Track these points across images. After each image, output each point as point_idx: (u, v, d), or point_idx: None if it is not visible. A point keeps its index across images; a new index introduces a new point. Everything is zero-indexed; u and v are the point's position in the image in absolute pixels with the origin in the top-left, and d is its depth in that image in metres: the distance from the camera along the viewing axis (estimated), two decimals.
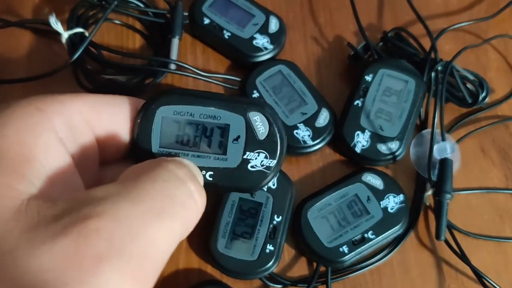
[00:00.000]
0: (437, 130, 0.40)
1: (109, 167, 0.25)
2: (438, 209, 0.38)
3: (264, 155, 0.25)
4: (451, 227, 0.39)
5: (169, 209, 0.20)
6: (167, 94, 0.24)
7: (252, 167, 0.25)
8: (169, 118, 0.24)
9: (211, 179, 0.25)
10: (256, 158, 0.24)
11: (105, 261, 0.18)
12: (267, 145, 0.24)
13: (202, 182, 0.24)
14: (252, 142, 0.24)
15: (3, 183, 0.19)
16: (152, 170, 0.21)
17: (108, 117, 0.24)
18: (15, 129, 0.20)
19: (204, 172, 0.25)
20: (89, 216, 0.18)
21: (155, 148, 0.24)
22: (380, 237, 0.37)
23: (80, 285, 0.17)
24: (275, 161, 0.25)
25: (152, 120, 0.24)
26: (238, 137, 0.24)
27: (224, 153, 0.24)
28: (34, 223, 0.18)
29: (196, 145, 0.24)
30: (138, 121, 0.24)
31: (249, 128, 0.24)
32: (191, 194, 0.21)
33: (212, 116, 0.24)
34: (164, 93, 0.24)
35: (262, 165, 0.25)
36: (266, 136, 0.24)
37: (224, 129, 0.24)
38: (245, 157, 0.25)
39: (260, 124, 0.24)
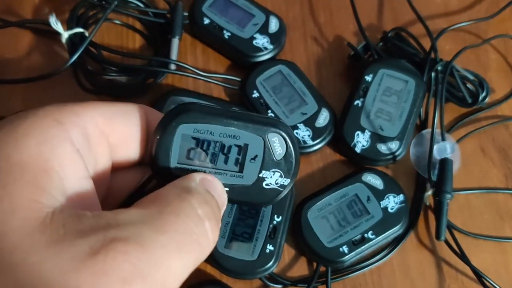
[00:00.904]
0: (437, 130, 0.40)
1: (119, 174, 0.26)
2: (438, 209, 0.38)
3: (279, 174, 0.25)
4: (451, 227, 0.39)
5: (187, 244, 0.21)
6: (188, 111, 0.24)
7: (266, 185, 0.25)
8: (189, 136, 0.24)
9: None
10: (271, 177, 0.25)
11: (128, 284, 0.18)
12: (283, 165, 0.25)
13: (226, 199, 0.25)
14: (268, 162, 0.25)
15: (26, 196, 0.19)
16: (177, 203, 0.22)
17: (121, 126, 0.24)
18: (35, 142, 0.20)
19: None
20: (117, 239, 0.19)
21: (173, 163, 0.25)
22: (380, 237, 0.37)
23: None
24: (289, 180, 0.25)
25: (172, 137, 0.24)
26: (256, 156, 0.25)
27: (241, 171, 0.25)
28: (60, 236, 0.18)
29: (213, 162, 0.25)
30: (158, 137, 0.24)
31: (267, 149, 0.25)
32: (206, 233, 0.22)
33: (232, 135, 0.25)
34: (184, 110, 0.24)
35: (277, 183, 0.25)
36: (283, 157, 0.25)
37: (243, 149, 0.25)
38: (260, 175, 0.25)
39: (278, 146, 0.25)
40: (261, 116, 0.27)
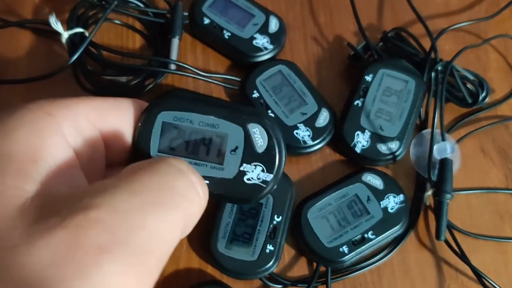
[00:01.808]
0: (437, 130, 0.40)
1: (114, 169, 0.25)
2: (438, 209, 0.38)
3: (261, 168, 0.24)
4: (451, 227, 0.39)
5: (169, 200, 0.20)
6: (169, 99, 0.24)
7: (248, 179, 0.24)
8: (169, 124, 0.24)
9: None
10: (252, 171, 0.24)
11: (106, 253, 0.17)
12: (265, 159, 0.24)
13: (207, 190, 0.24)
14: (249, 154, 0.24)
15: (9, 184, 0.19)
16: (152, 164, 0.21)
17: (114, 120, 0.24)
18: (25, 133, 0.20)
19: None
20: (88, 206, 0.18)
21: (153, 152, 0.24)
22: (380, 237, 0.37)
23: (80, 279, 0.17)
24: (272, 176, 0.24)
25: (152, 124, 0.24)
26: (236, 148, 0.24)
27: (221, 163, 0.24)
28: (36, 218, 0.18)
29: (193, 153, 0.24)
30: (139, 124, 0.24)
31: (248, 140, 0.24)
32: (193, 185, 0.21)
33: (211, 124, 0.24)
34: (166, 98, 0.24)
35: (259, 179, 0.24)
36: (265, 149, 0.24)
37: (223, 139, 0.24)
38: (241, 168, 0.24)
39: (259, 137, 0.24)
40: (243, 106, 0.27)
